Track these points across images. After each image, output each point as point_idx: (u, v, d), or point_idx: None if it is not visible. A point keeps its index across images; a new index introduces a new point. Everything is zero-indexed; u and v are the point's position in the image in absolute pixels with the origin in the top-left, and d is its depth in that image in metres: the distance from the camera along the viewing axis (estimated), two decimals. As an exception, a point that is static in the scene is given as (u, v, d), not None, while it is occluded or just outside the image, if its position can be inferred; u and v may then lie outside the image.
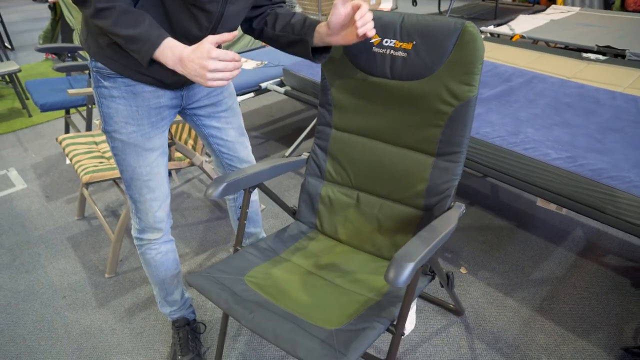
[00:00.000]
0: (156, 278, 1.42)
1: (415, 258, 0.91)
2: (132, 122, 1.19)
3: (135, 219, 1.32)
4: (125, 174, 1.25)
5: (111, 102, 1.17)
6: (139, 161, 1.23)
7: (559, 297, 1.73)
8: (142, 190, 1.26)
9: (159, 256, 1.37)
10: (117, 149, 1.21)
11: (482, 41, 1.13)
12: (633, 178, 1.37)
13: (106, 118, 1.19)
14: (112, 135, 1.20)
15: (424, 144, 1.26)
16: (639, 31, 3.29)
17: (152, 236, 1.34)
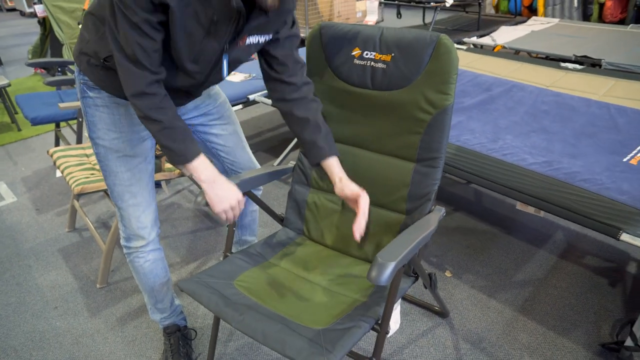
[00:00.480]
0: (146, 285, 1.45)
1: (396, 258, 0.97)
2: (114, 129, 1.25)
3: (121, 226, 1.36)
4: (108, 179, 1.30)
5: (95, 110, 1.23)
6: (120, 166, 1.28)
7: (540, 298, 1.78)
8: (124, 196, 1.31)
9: (147, 264, 1.41)
10: (100, 155, 1.27)
11: (457, 53, 1.20)
12: (604, 181, 1.44)
13: (90, 125, 1.25)
14: (95, 141, 1.26)
15: (405, 151, 1.32)
16: (614, 42, 3.42)
17: (137, 244, 1.37)
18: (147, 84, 1.05)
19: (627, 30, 3.73)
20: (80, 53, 1.17)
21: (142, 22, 0.98)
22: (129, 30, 0.99)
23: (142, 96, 1.06)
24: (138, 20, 0.97)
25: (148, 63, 1.03)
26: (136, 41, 1.00)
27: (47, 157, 3.09)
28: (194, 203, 1.35)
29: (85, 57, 1.17)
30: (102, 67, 1.15)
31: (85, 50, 1.16)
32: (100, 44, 1.12)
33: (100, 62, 1.14)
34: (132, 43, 1.00)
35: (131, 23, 0.98)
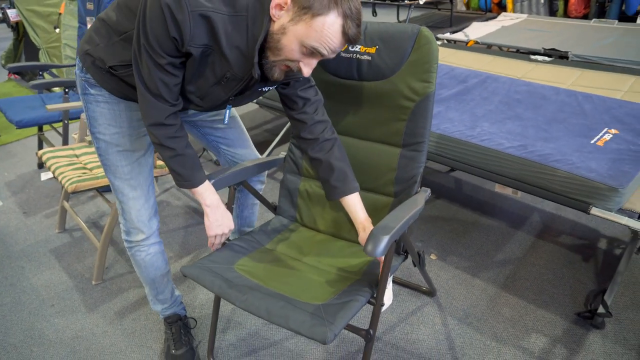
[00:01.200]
0: (147, 278, 1.49)
1: (390, 231, 1.05)
2: (115, 125, 1.29)
3: (121, 220, 1.41)
4: (109, 173, 1.34)
5: (96, 106, 1.28)
6: (121, 161, 1.32)
7: (520, 275, 1.90)
8: (125, 190, 1.35)
9: (148, 257, 1.45)
10: (101, 149, 1.32)
11: (436, 43, 1.29)
12: (574, 160, 1.56)
13: (91, 120, 1.29)
14: (96, 136, 1.31)
15: (391, 137, 1.40)
16: (579, 35, 3.59)
17: (137, 237, 1.41)
18: (166, 116, 1.14)
19: (590, 24, 3.92)
20: (85, 53, 1.22)
21: (166, 64, 1.06)
22: (153, 69, 1.07)
23: (160, 126, 1.15)
24: (164, 62, 1.05)
25: (169, 97, 1.12)
26: (160, 78, 1.08)
27: (30, 161, 3.07)
28: None
29: (91, 58, 1.21)
30: (107, 71, 1.21)
31: (92, 53, 1.21)
32: (109, 52, 1.17)
33: (106, 68, 1.19)
34: (155, 80, 1.08)
35: (156, 64, 1.06)
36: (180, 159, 1.20)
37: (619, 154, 1.62)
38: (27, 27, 4.03)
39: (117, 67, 1.18)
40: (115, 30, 1.16)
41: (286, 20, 1.02)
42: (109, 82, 1.23)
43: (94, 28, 1.22)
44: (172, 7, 0.97)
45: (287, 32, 1.03)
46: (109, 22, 1.17)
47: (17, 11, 4.13)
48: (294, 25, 1.02)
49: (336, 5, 0.99)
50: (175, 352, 1.54)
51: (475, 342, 1.60)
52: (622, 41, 3.33)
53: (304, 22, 1.01)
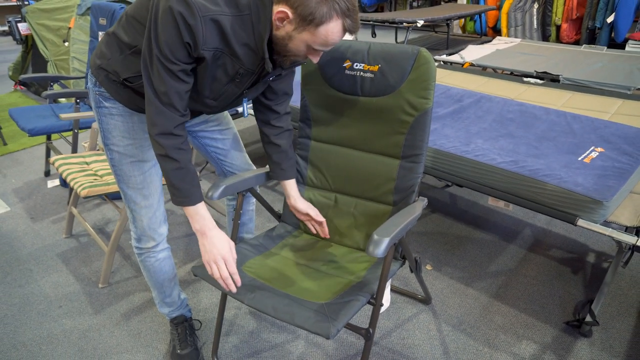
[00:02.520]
0: (155, 282, 1.56)
1: (391, 234, 1.13)
2: (128, 136, 1.35)
3: (132, 227, 1.46)
4: (121, 183, 1.40)
5: (110, 119, 1.33)
6: (133, 171, 1.38)
7: (512, 285, 1.98)
8: (137, 199, 1.41)
9: (157, 263, 1.51)
10: (115, 160, 1.37)
11: (434, 63, 1.40)
12: (562, 175, 1.66)
13: (105, 133, 1.35)
14: (110, 147, 1.36)
15: (391, 149, 1.50)
16: (570, 60, 3.74)
17: (148, 244, 1.47)
18: (175, 126, 1.17)
19: (581, 50, 4.08)
20: (99, 67, 1.27)
21: (179, 71, 1.11)
22: (166, 77, 1.11)
23: (168, 136, 1.17)
24: (176, 69, 1.10)
25: (180, 106, 1.16)
26: (173, 87, 1.12)
27: (37, 169, 3.15)
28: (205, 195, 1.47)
29: (104, 72, 1.27)
30: (121, 84, 1.26)
31: (105, 67, 1.26)
32: (122, 64, 1.23)
33: (120, 80, 1.25)
34: (169, 88, 1.12)
35: (169, 71, 1.10)
36: (182, 172, 1.20)
37: (604, 170, 1.72)
38: (37, 40, 4.15)
39: (131, 79, 1.24)
40: (126, 44, 1.22)
41: (290, 29, 1.10)
42: (123, 94, 1.28)
43: (104, 43, 1.27)
44: (185, 13, 1.03)
45: (294, 39, 1.11)
46: (120, 37, 1.23)
47: (27, 25, 4.25)
48: (299, 34, 1.10)
49: (334, 10, 1.06)
50: (180, 351, 1.60)
51: (469, 348, 1.67)
52: (610, 66, 3.48)
53: (308, 31, 1.09)
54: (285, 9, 1.07)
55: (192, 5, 1.03)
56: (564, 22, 5.59)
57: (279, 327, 1.78)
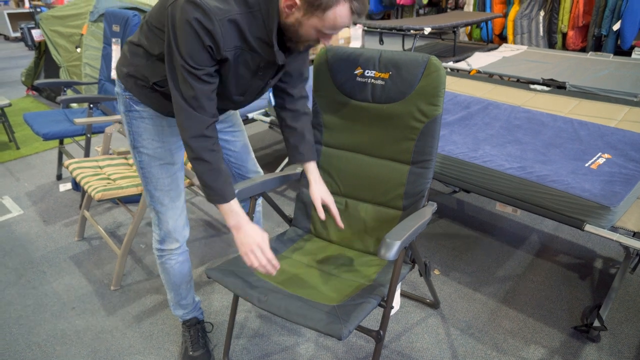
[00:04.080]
0: (173, 284, 1.58)
1: (402, 237, 1.16)
2: (158, 139, 1.39)
3: (156, 229, 1.50)
4: (149, 185, 1.43)
5: (141, 122, 1.37)
6: (162, 173, 1.42)
7: (519, 290, 1.99)
8: (164, 201, 1.45)
9: (177, 265, 1.55)
10: (144, 162, 1.41)
11: (444, 71, 1.42)
12: (570, 181, 1.68)
13: (135, 136, 1.39)
14: (139, 150, 1.40)
15: (401, 155, 1.53)
16: (577, 67, 3.76)
17: (171, 246, 1.50)
18: (207, 127, 1.22)
19: (587, 57, 4.10)
20: (127, 75, 1.32)
21: (204, 75, 1.16)
22: (193, 82, 1.16)
23: (200, 138, 1.21)
24: (201, 74, 1.15)
25: (209, 107, 1.21)
26: (200, 90, 1.17)
27: (49, 173, 3.20)
28: None
29: (133, 79, 1.32)
30: (151, 88, 1.31)
31: (133, 74, 1.31)
32: (150, 69, 1.28)
33: (150, 85, 1.30)
34: (197, 92, 1.17)
35: (195, 77, 1.15)
36: (215, 173, 1.25)
37: (611, 176, 1.74)
38: (50, 47, 4.22)
39: (160, 82, 1.29)
40: (150, 52, 1.26)
41: (299, 15, 1.14)
42: (153, 99, 1.33)
43: (129, 51, 1.32)
44: (201, 19, 1.07)
45: (303, 24, 1.16)
46: (143, 45, 1.28)
47: (41, 31, 4.32)
48: (308, 20, 1.14)
49: None
50: (192, 353, 1.63)
51: (477, 352, 1.68)
52: (617, 74, 3.50)
53: (317, 16, 1.13)
54: None
55: (208, 10, 1.08)
56: (570, 30, 5.61)
57: (289, 330, 1.80)
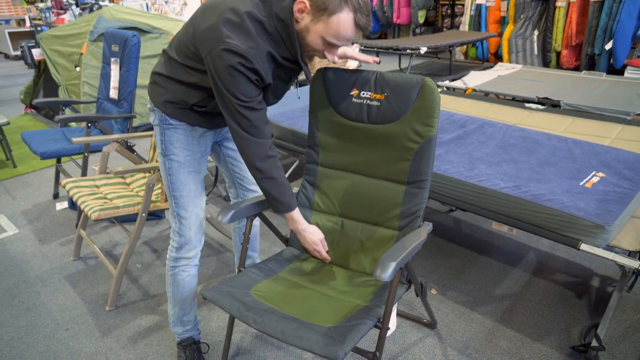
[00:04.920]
0: (180, 298, 1.60)
1: (397, 258, 1.16)
2: (188, 148, 1.48)
3: (175, 236, 1.55)
4: (175, 191, 1.50)
5: (173, 132, 1.46)
6: (189, 179, 1.50)
7: (517, 310, 1.98)
8: (189, 207, 1.52)
9: (188, 278, 1.59)
10: (173, 169, 1.48)
11: (439, 92, 1.44)
12: (565, 200, 1.69)
13: (167, 144, 1.47)
14: (170, 157, 1.47)
15: (396, 175, 1.54)
16: (571, 85, 3.81)
17: (189, 253, 1.56)
18: (270, 148, 1.35)
19: (581, 76, 4.15)
20: (165, 102, 1.42)
21: (257, 104, 1.29)
22: (249, 114, 1.28)
23: (267, 159, 1.35)
24: (255, 104, 1.28)
25: (267, 130, 1.34)
26: (256, 117, 1.30)
27: (45, 191, 3.19)
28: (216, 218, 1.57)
29: (171, 104, 1.41)
30: (189, 109, 1.41)
31: (171, 100, 1.41)
32: (187, 95, 1.38)
33: (189, 106, 1.40)
34: (253, 120, 1.29)
35: (252, 109, 1.28)
36: (281, 188, 1.40)
37: (605, 194, 1.75)
38: (50, 65, 4.25)
39: (199, 104, 1.40)
40: (185, 80, 1.36)
41: (308, 21, 1.25)
42: (190, 117, 1.43)
43: (161, 80, 1.42)
44: (244, 62, 1.21)
45: (310, 31, 1.26)
46: (177, 77, 1.37)
47: (41, 50, 4.37)
48: (314, 25, 1.25)
49: (346, 3, 1.21)
50: None
51: (475, 373, 1.67)
52: (610, 92, 3.54)
53: (322, 22, 1.24)
54: (304, 0, 1.22)
55: (245, 53, 1.20)
56: (563, 49, 5.69)
57: (285, 351, 1.79)
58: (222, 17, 1.21)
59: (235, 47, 1.19)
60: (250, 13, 1.23)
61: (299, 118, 2.67)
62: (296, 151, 2.57)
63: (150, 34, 4.15)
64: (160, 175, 1.91)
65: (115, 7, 4.26)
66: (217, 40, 1.20)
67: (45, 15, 6.34)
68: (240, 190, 1.76)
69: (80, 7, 5.99)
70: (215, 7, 1.24)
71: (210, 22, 1.22)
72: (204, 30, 1.23)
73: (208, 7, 1.27)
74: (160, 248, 2.49)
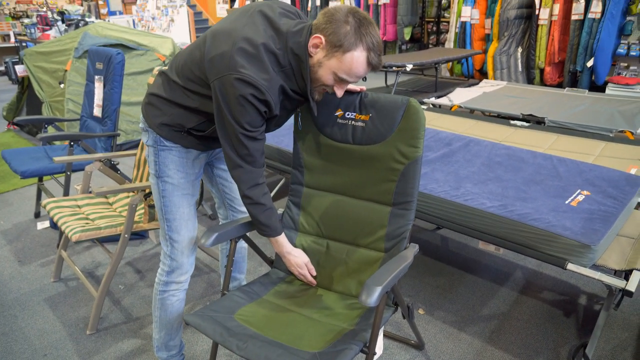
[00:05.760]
0: (167, 323, 1.58)
1: (383, 283, 1.14)
2: (182, 170, 1.46)
3: (166, 260, 1.52)
4: (168, 214, 1.48)
5: (168, 153, 1.44)
6: (183, 202, 1.48)
7: (505, 329, 1.97)
8: (181, 230, 1.49)
9: (177, 302, 1.57)
10: (167, 191, 1.46)
11: (424, 112, 1.44)
12: (550, 219, 1.69)
13: (161, 166, 1.45)
14: (164, 179, 1.45)
15: (382, 196, 1.53)
16: (554, 102, 3.86)
17: (180, 278, 1.54)
18: (260, 176, 1.36)
19: (564, 92, 4.22)
20: (161, 125, 1.40)
21: (259, 134, 1.29)
22: (249, 143, 1.28)
23: (256, 187, 1.36)
24: (257, 134, 1.28)
25: (261, 160, 1.35)
26: (254, 147, 1.30)
27: (27, 210, 3.13)
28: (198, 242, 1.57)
29: (167, 127, 1.40)
30: (186, 132, 1.40)
31: (168, 123, 1.39)
32: (186, 118, 1.38)
33: (185, 130, 1.39)
34: (251, 150, 1.29)
35: (253, 139, 1.28)
36: (269, 212, 1.41)
37: (590, 213, 1.76)
38: (33, 82, 4.20)
39: (196, 128, 1.39)
40: (185, 104, 1.36)
41: (321, 56, 1.26)
42: (186, 140, 1.42)
43: (158, 103, 1.40)
44: (256, 94, 1.21)
45: (323, 66, 1.27)
46: (176, 100, 1.36)
47: (24, 67, 4.32)
48: (328, 61, 1.26)
49: (361, 41, 1.22)
50: None
51: (463, 396, 1.64)
52: (592, 109, 3.60)
53: (336, 58, 1.24)
54: (320, 35, 1.24)
55: (259, 85, 1.21)
56: (547, 66, 5.80)
57: (270, 376, 1.74)
58: (236, 45, 1.21)
59: (249, 78, 1.19)
60: (266, 45, 1.23)
61: (285, 136, 2.66)
62: (282, 170, 2.56)
63: (136, 50, 4.14)
64: (142, 195, 1.88)
65: (101, 23, 4.24)
66: (230, 69, 1.20)
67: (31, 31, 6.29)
68: (229, 211, 1.73)
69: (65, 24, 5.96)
70: (229, 35, 1.23)
71: (223, 50, 1.21)
72: (215, 56, 1.22)
73: (220, 34, 1.25)
74: (143, 269, 2.44)
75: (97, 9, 10.95)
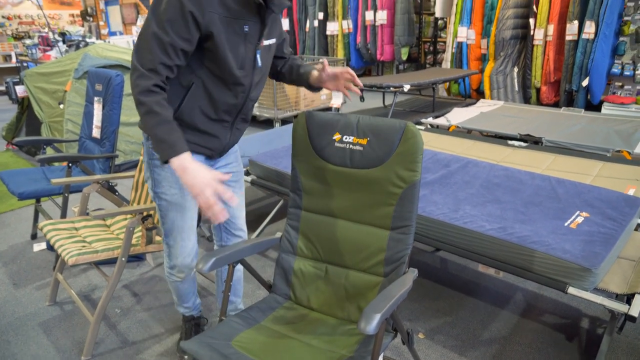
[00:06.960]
0: (176, 293, 1.78)
1: (382, 310, 1.13)
2: (176, 186, 1.49)
3: (167, 259, 1.66)
4: (165, 225, 1.58)
5: (161, 170, 1.47)
6: (177, 216, 1.53)
7: (506, 354, 1.94)
8: (177, 238, 1.59)
9: (182, 286, 1.74)
10: (162, 207, 1.52)
11: (421, 136, 1.45)
12: (550, 242, 1.68)
13: (156, 182, 1.49)
14: (159, 195, 1.50)
15: (380, 220, 1.52)
16: (551, 122, 3.89)
17: (179, 275, 1.67)
18: (154, 84, 1.25)
19: (560, 112, 4.26)
20: None
21: (174, 49, 1.23)
22: (157, 50, 1.22)
23: (149, 93, 1.24)
24: (172, 42, 1.22)
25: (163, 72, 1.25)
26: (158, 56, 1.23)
27: (23, 232, 3.10)
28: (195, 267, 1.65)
29: None
30: None
31: None
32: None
33: None
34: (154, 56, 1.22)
35: (163, 46, 1.22)
36: (166, 126, 1.25)
37: (590, 235, 1.75)
38: (33, 103, 4.22)
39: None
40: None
41: None
42: None
43: None
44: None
45: None
46: None
47: (25, 87, 4.35)
48: None
49: None
50: None
51: None
52: (589, 128, 3.62)
53: None
54: None
55: None
56: (543, 85, 5.85)
57: (268, 403, 1.71)
58: None
59: None
60: None
61: (283, 158, 2.66)
62: (280, 192, 2.55)
63: (136, 71, 4.16)
64: (140, 218, 1.87)
65: (102, 44, 4.29)
66: None
67: (32, 51, 6.35)
68: (224, 234, 1.74)
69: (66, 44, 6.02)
70: None
71: None
72: None
73: None
74: (140, 292, 2.41)
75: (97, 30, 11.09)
